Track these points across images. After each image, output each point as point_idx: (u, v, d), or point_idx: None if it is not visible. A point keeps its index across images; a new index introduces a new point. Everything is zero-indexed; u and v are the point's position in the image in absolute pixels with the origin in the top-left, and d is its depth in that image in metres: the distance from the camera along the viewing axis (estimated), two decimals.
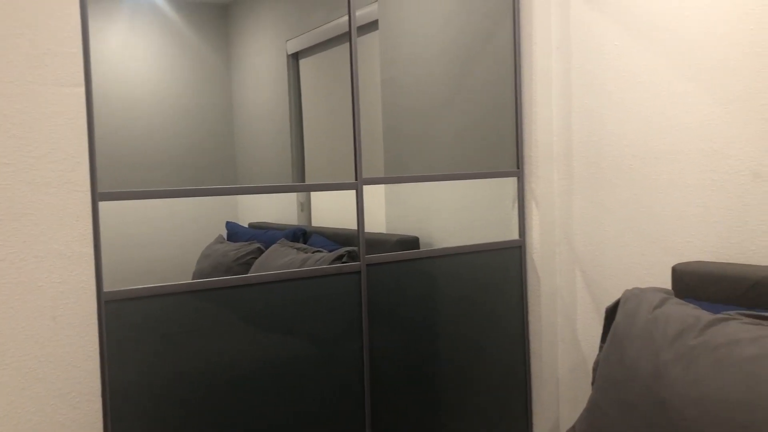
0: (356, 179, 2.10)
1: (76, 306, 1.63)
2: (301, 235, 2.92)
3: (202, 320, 1.85)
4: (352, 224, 2.75)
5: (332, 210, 2.95)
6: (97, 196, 1.67)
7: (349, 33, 2.12)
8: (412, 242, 2.44)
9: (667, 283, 2.01)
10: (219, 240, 3.06)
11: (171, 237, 2.56)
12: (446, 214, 2.60)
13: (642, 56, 2.08)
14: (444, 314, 2.27)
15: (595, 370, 1.70)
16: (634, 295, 1.66)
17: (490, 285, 2.36)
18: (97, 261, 1.67)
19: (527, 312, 2.42)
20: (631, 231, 2.14)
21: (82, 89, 1.64)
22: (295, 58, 2.86)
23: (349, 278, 2.08)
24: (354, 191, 2.12)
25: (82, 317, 1.64)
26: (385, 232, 2.61)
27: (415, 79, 2.29)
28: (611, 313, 1.73)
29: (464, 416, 2.31)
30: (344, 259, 2.15)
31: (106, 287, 1.69)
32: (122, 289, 1.72)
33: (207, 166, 2.48)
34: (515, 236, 2.42)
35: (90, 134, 1.66)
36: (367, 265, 2.11)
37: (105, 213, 1.72)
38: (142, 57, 2.24)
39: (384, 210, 2.67)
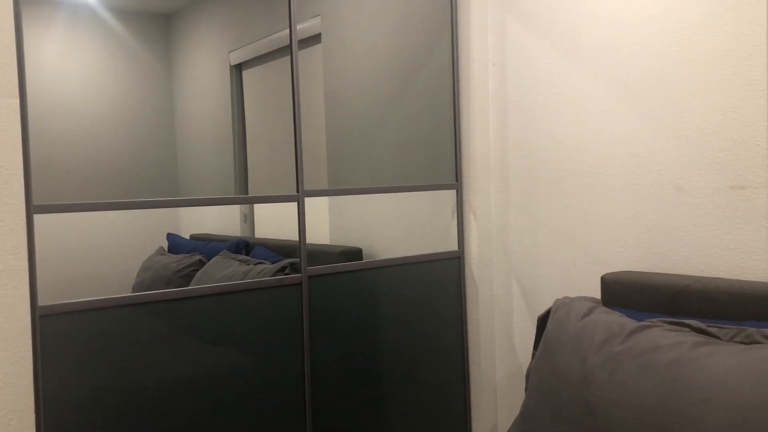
0: (298, 191, 2.12)
1: (8, 321, 1.60)
2: (244, 247, 2.92)
3: (141, 334, 1.84)
4: (295, 235, 2.76)
5: (276, 221, 2.95)
6: (32, 209, 1.65)
7: (290, 46, 2.15)
8: (355, 253, 2.48)
9: (597, 292, 2.10)
10: (160, 252, 3.03)
11: (110, 249, 2.52)
12: (388, 225, 2.65)
13: (571, 74, 2.17)
14: (385, 324, 2.31)
15: (527, 377, 1.77)
16: (564, 304, 1.73)
17: (431, 295, 2.41)
18: (32, 274, 1.65)
19: (466, 321, 2.48)
20: (564, 242, 2.22)
21: (17, 101, 1.62)
22: (238, 69, 2.86)
23: (290, 290, 2.09)
24: (296, 203, 2.13)
25: (15, 332, 1.61)
26: (328, 243, 2.64)
27: (357, 92, 2.33)
28: (543, 321, 1.80)
29: (406, 424, 2.35)
30: (287, 271, 2.17)
31: (42, 301, 1.67)
32: (58, 303, 1.70)
33: (148, 178, 2.46)
34: (455, 247, 2.48)
35: (24, 146, 1.64)
36: (309, 276, 2.13)
37: (41, 225, 1.69)
38: (80, 67, 2.21)
39: (327, 221, 2.70)
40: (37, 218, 1.67)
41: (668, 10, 1.90)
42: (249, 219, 3.08)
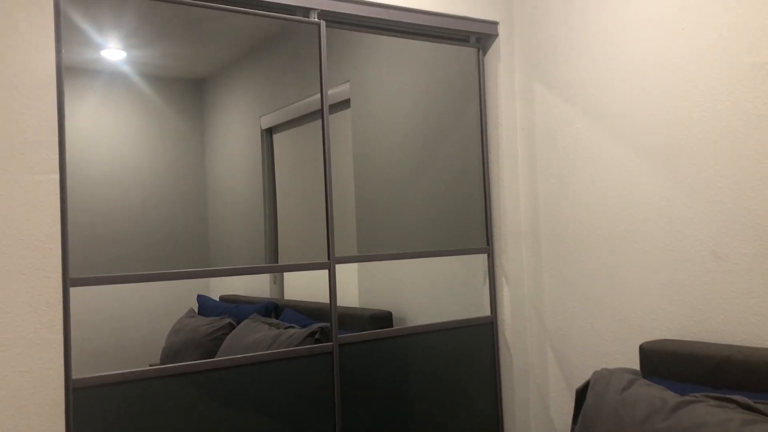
0: (329, 259, 2.12)
1: (43, 395, 1.60)
2: (273, 310, 2.91)
3: (174, 404, 1.82)
4: (324, 298, 2.75)
5: (305, 283, 2.95)
6: (68, 282, 1.66)
7: (322, 110, 2.17)
8: (385, 317, 2.45)
9: (635, 361, 2.04)
10: (190, 314, 3.03)
11: (141, 313, 2.53)
12: (418, 289, 2.62)
13: (600, 138, 2.17)
14: (418, 392, 2.26)
15: None
16: (602, 376, 1.69)
17: (463, 361, 2.36)
18: (66, 347, 1.65)
19: (500, 389, 2.42)
20: (599, 307, 2.18)
21: (57, 176, 1.66)
22: (269, 133, 2.91)
23: (321, 359, 2.07)
24: (327, 271, 2.13)
25: (49, 407, 1.61)
26: (357, 306, 2.62)
27: (386, 157, 2.35)
28: (582, 394, 1.75)
29: None
30: (317, 336, 2.15)
31: (75, 374, 1.67)
32: (91, 376, 1.70)
33: (179, 245, 2.48)
34: (487, 312, 2.45)
35: (63, 220, 1.67)
36: (340, 345, 2.11)
37: (74, 297, 1.71)
38: (115, 136, 2.26)
39: (357, 284, 2.69)
40: (73, 291, 1.68)
41: (699, 76, 1.90)
42: (278, 281, 3.08)
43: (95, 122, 2.18)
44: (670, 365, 1.76)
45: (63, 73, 1.68)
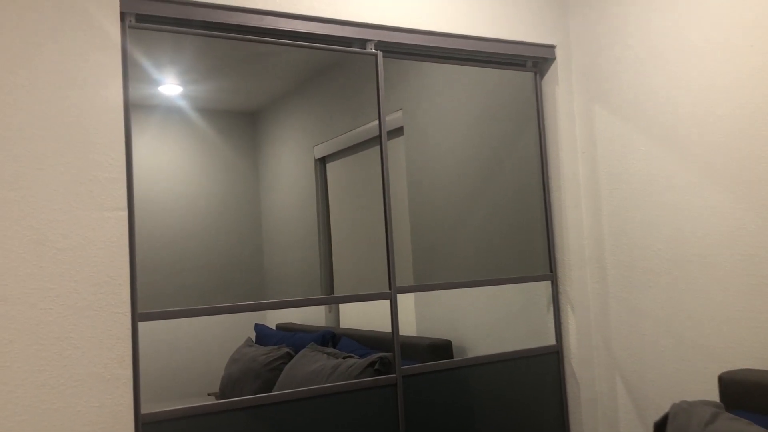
0: (390, 288, 2.10)
1: (113, 430, 1.61)
2: (330, 339, 2.89)
3: None
4: (381, 326, 2.71)
5: (361, 311, 2.93)
6: (137, 317, 1.68)
7: (380, 138, 2.16)
8: (445, 346, 2.41)
9: (712, 391, 1.95)
10: (248, 343, 3.04)
11: (199, 340, 2.55)
12: (478, 316, 2.58)
13: (668, 161, 2.10)
14: (483, 424, 2.20)
15: None
16: (683, 409, 1.61)
17: (529, 391, 2.30)
18: (136, 382, 1.67)
19: (568, 420, 2.34)
20: (671, 335, 2.10)
21: (125, 213, 1.68)
22: (322, 162, 2.92)
23: (384, 390, 2.04)
24: (388, 301, 2.11)
25: None
26: (415, 334, 2.58)
27: (441, 183, 2.33)
28: (660, 428, 1.67)
29: None
30: (376, 366, 2.12)
31: (143, 408, 1.68)
32: (159, 411, 1.70)
33: (237, 277, 2.49)
34: (551, 341, 2.38)
35: (131, 256, 1.69)
36: (403, 376, 2.07)
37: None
38: (172, 171, 2.29)
39: (414, 312, 2.65)
40: (141, 326, 1.70)
41: None
42: (334, 309, 3.08)
43: (155, 157, 2.22)
44: (755, 397, 1.67)
45: (130, 110, 1.72)
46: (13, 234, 1.54)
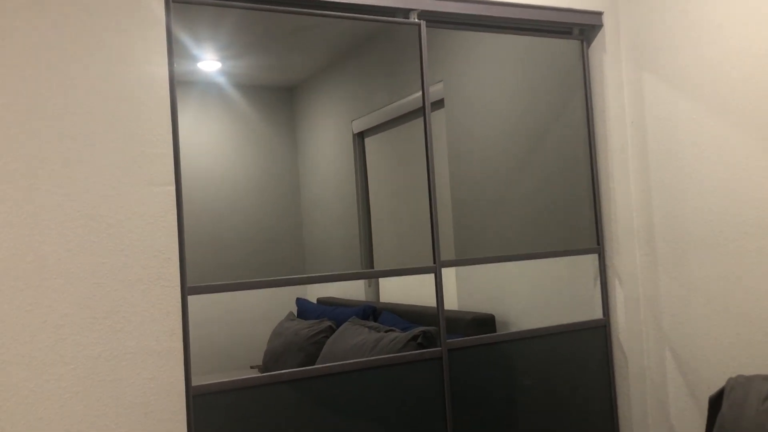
0: (434, 262, 2.09)
1: (166, 401, 1.64)
2: (371, 313, 2.91)
3: (285, 409, 1.83)
4: (421, 300, 2.71)
5: (401, 286, 2.93)
6: (186, 291, 1.70)
7: (423, 110, 2.13)
8: (488, 320, 2.39)
9: (767, 367, 1.90)
10: (290, 317, 3.07)
11: (242, 317, 2.58)
12: (521, 290, 2.55)
13: (720, 131, 2.03)
14: (529, 397, 2.19)
15: None
16: (739, 384, 1.57)
17: (575, 366, 2.27)
18: (186, 355, 1.69)
19: (615, 394, 2.31)
20: (723, 310, 2.04)
21: (173, 188, 1.69)
22: (360, 137, 2.91)
23: (430, 364, 2.04)
24: (430, 275, 2.09)
25: (171, 413, 1.65)
26: (457, 309, 2.57)
27: (484, 156, 2.29)
28: (715, 402, 1.64)
29: None
30: (419, 340, 2.12)
31: (193, 380, 1.70)
32: (209, 383, 1.73)
33: (278, 252, 2.51)
34: (598, 315, 2.35)
35: (180, 230, 1.70)
36: (449, 349, 2.07)
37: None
38: (212, 146, 2.30)
39: (455, 286, 2.64)
40: (193, 299, 1.72)
41: None
42: (373, 284, 3.08)
43: (195, 134, 2.23)
44: None
45: (175, 86, 1.72)
46: (66, 209, 1.57)
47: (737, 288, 2.01)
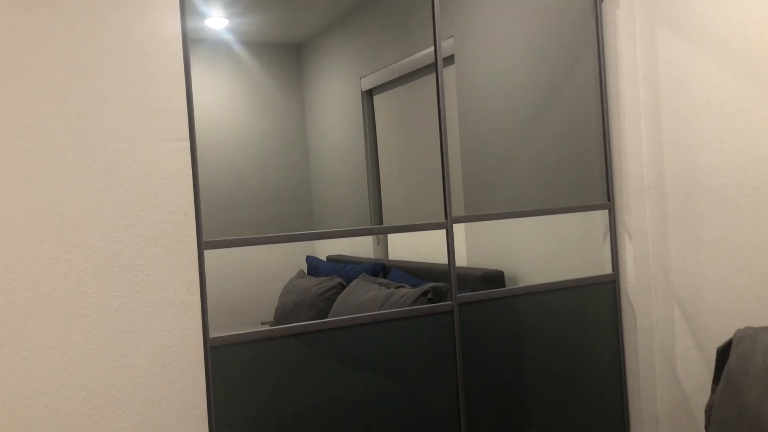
0: (446, 218, 2.10)
1: (184, 353, 1.68)
2: (381, 270, 2.94)
3: (301, 360, 1.87)
4: (430, 257, 2.74)
5: (409, 244, 2.95)
6: (202, 245, 1.73)
7: (435, 64, 2.12)
8: (497, 277, 2.42)
9: None
10: (300, 275, 3.11)
11: (252, 273, 2.62)
12: (530, 247, 2.57)
13: (735, 87, 2.02)
14: (538, 351, 2.23)
15: (707, 413, 1.64)
16: (747, 335, 1.60)
17: (584, 320, 2.31)
18: (203, 308, 1.72)
19: (623, 348, 2.35)
20: (733, 265, 2.06)
21: (187, 144, 1.71)
22: (369, 94, 2.90)
23: (442, 317, 2.07)
24: (444, 231, 2.11)
25: (189, 364, 1.69)
26: (466, 265, 2.60)
27: (494, 112, 2.28)
28: (723, 354, 1.67)
29: None
30: (429, 295, 2.15)
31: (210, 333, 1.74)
32: (226, 335, 1.77)
33: (288, 209, 2.53)
34: (607, 270, 2.37)
35: (195, 186, 1.72)
36: (460, 303, 2.10)
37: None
38: (219, 103, 2.30)
39: (464, 243, 2.66)
40: (207, 254, 1.75)
41: None
42: (382, 241, 3.11)
43: (202, 91, 2.23)
44: None
45: (188, 42, 1.72)
46: (84, 165, 1.58)
47: (747, 243, 2.02)
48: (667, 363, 2.30)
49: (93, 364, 1.59)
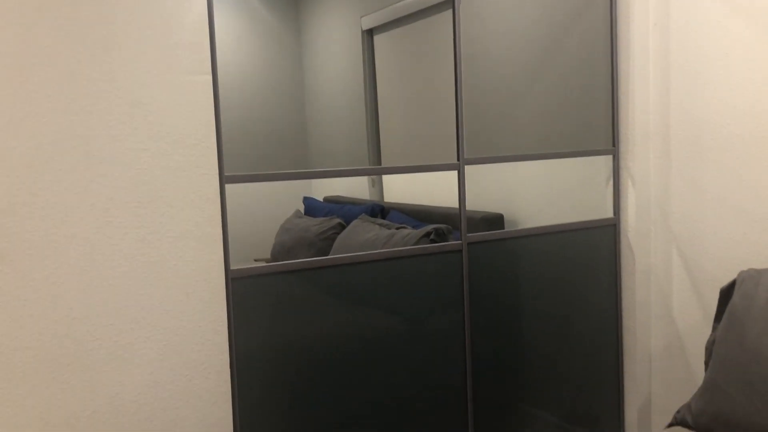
0: (458, 160, 2.14)
1: (206, 284, 1.73)
2: (379, 211, 2.98)
3: (316, 294, 1.93)
4: (426, 200, 2.78)
5: (404, 186, 2.99)
6: (224, 179, 1.75)
7: (453, 2, 2.11)
8: (497, 219, 2.47)
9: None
10: (297, 215, 3.14)
11: (248, 212, 2.65)
12: (530, 191, 2.62)
13: (742, 33, 2.05)
14: (540, 290, 2.31)
15: (708, 349, 1.73)
16: (750, 276, 1.67)
17: (586, 261, 2.38)
18: (225, 240, 1.76)
19: (621, 289, 2.44)
20: (733, 211, 2.13)
21: (209, 77, 1.71)
22: (369, 34, 2.88)
23: (451, 256, 2.13)
24: (456, 171, 2.15)
25: (211, 294, 1.73)
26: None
27: (498, 55, 2.27)
28: (726, 293, 1.75)
29: (558, 387, 2.37)
30: (432, 236, 2.20)
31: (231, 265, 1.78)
32: (248, 266, 1.81)
33: (281, 148, 2.54)
34: (608, 214, 2.43)
35: (217, 120, 1.73)
36: (468, 243, 2.15)
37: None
38: (226, 41, 2.29)
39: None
40: (228, 188, 1.77)
41: None
42: (377, 183, 3.14)
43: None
44: None
45: None
46: (108, 96, 1.59)
47: (748, 190, 2.08)
48: (663, 304, 2.39)
49: (119, 292, 1.63)
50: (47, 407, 1.56)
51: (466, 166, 2.16)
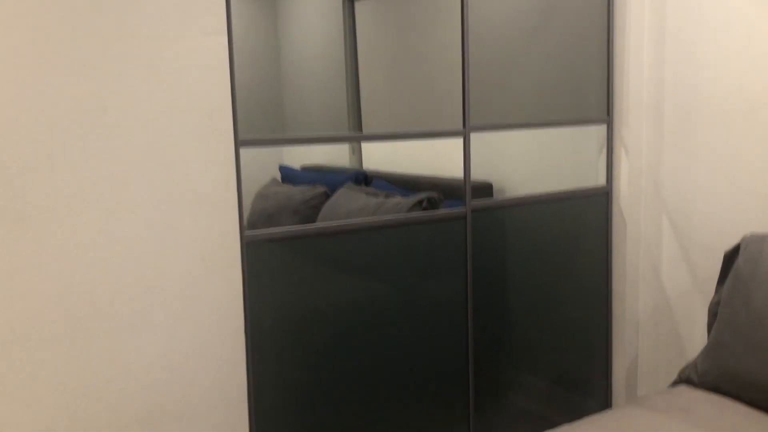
0: (464, 127, 2.15)
1: (221, 249, 1.71)
2: (363, 179, 2.98)
3: (326, 259, 1.93)
4: (405, 168, 2.78)
5: (384, 154, 2.99)
6: (238, 143, 1.73)
7: None
8: (486, 187, 2.51)
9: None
10: (275, 182, 3.12)
11: None
12: (521, 159, 2.66)
13: (742, 5, 2.10)
14: (534, 256, 2.36)
15: (711, 311, 1.80)
16: (754, 240, 1.74)
17: (578, 228, 2.44)
18: (240, 205, 1.74)
19: (611, 256, 2.51)
20: (725, 180, 2.20)
21: (225, 38, 1.68)
22: (350, 1, 2.85)
23: (455, 223, 2.16)
24: (461, 138, 2.17)
25: (227, 259, 1.72)
26: (456, 177, 2.67)
27: (494, 22, 2.27)
28: (730, 257, 1.82)
29: (549, 349, 2.44)
30: (424, 204, 2.21)
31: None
32: (261, 231, 1.80)
33: (259, 114, 2.50)
34: (601, 183, 2.49)
35: (232, 82, 1.70)
36: (472, 210, 2.18)
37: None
38: None
39: (460, 155, 2.72)
40: (242, 152, 1.75)
41: None
42: (357, 151, 3.14)
43: None
44: None
45: None
46: (124, 57, 1.55)
47: (739, 160, 2.16)
48: (652, 270, 2.47)
49: (135, 257, 1.60)
50: (65, 373, 1.54)
51: (471, 133, 2.17)
